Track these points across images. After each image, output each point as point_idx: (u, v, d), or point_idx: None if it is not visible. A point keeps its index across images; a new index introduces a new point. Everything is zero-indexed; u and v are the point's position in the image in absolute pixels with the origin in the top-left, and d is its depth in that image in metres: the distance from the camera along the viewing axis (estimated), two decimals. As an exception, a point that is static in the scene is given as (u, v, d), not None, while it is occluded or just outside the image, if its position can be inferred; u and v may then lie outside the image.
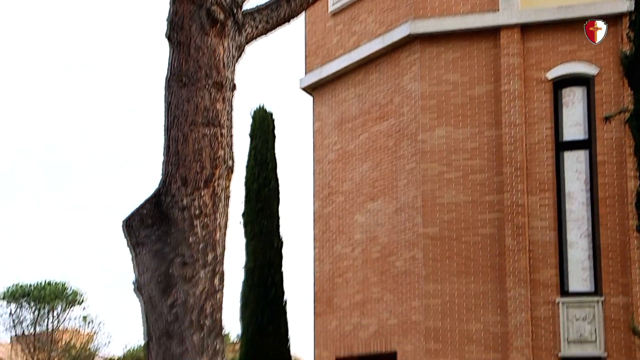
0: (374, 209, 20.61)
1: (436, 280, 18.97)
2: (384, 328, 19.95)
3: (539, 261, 18.47)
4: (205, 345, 9.22)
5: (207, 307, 9.36)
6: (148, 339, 9.40)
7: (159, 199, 8.08)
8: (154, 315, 9.29)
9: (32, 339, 37.84)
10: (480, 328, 18.61)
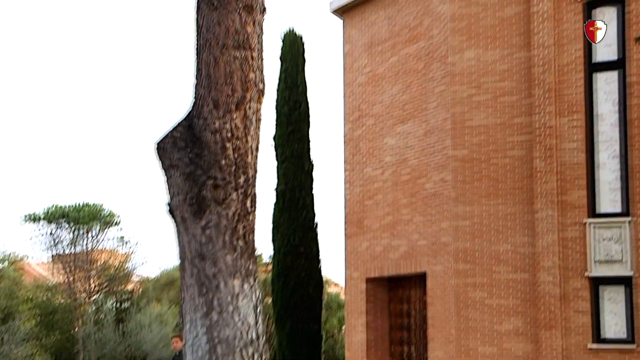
0: (404, 131, 20.71)
1: (465, 202, 19.14)
2: (413, 249, 20.22)
3: (568, 182, 18.55)
4: (238, 267, 9.49)
5: (239, 228, 9.61)
6: (182, 260, 9.69)
7: (191, 121, 8.25)
8: (187, 237, 9.56)
9: (70, 259, 38.67)
10: (509, 249, 18.82)
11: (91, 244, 38.76)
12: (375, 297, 21.70)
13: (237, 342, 9.19)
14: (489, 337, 18.67)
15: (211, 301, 9.29)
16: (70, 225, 38.12)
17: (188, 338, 9.40)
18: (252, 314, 9.35)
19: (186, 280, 9.49)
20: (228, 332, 9.20)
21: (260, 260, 39.84)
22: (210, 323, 9.26)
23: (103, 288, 40.09)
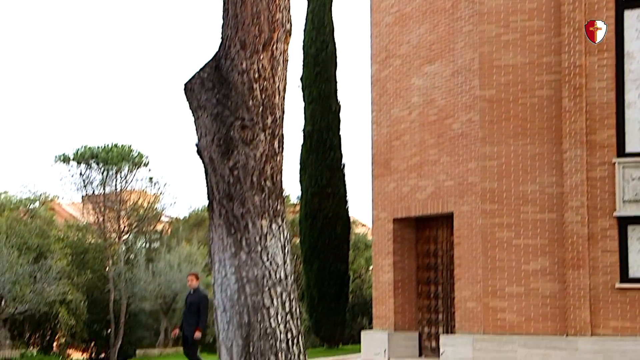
0: (431, 71, 20.61)
1: (492, 142, 19.10)
2: (440, 190, 20.25)
3: (597, 122, 18.44)
4: (266, 207, 9.58)
5: (267, 169, 9.69)
6: (210, 201, 9.79)
7: (219, 62, 8.28)
8: (216, 177, 9.66)
9: (100, 199, 39.15)
10: (536, 189, 18.81)
11: (121, 185, 39.16)
12: (403, 237, 21.82)
13: (266, 282, 9.33)
14: (516, 277, 18.77)
15: (240, 241, 9.42)
16: (100, 166, 38.49)
17: (217, 277, 9.56)
18: (280, 254, 9.48)
19: (215, 220, 9.61)
20: (256, 272, 9.34)
21: (288, 201, 40.10)
22: (239, 263, 9.39)
23: (133, 228, 40.58)
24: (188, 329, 16.62)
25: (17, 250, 29.49)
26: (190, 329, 16.58)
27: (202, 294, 17.15)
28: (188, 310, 16.77)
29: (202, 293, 17.26)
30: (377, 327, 22.09)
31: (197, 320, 16.57)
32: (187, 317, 16.74)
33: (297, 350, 9.39)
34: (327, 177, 26.17)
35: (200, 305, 16.64)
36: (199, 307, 16.63)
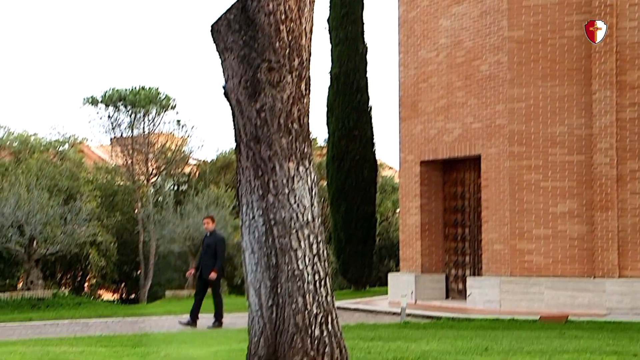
0: (459, 12, 20.40)
1: (521, 83, 18.96)
2: (468, 132, 20.19)
3: (627, 62, 18.23)
4: (293, 149, 9.62)
5: (294, 111, 9.70)
6: (237, 143, 9.85)
7: (245, 3, 8.24)
8: (243, 120, 9.69)
9: (129, 142, 39.38)
10: (564, 131, 18.71)
11: (149, 128, 39.33)
12: (430, 180, 21.83)
13: (293, 224, 9.40)
14: (544, 219, 18.76)
15: (267, 184, 9.48)
16: (128, 108, 38.64)
17: (244, 220, 9.64)
18: (307, 196, 9.53)
19: (242, 163, 9.67)
20: (284, 214, 9.41)
21: (315, 144, 40.11)
22: (267, 205, 9.47)
23: (161, 171, 40.85)
24: (206, 271, 16.74)
25: (47, 192, 29.81)
26: (208, 271, 16.72)
27: (219, 236, 17.26)
28: (205, 252, 16.88)
29: (219, 235, 17.37)
30: (404, 269, 22.23)
31: (215, 262, 16.69)
32: (205, 259, 16.86)
33: (325, 292, 9.49)
34: (354, 120, 26.13)
35: (217, 247, 16.76)
36: (216, 249, 16.75)
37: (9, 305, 24.72)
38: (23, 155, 40.90)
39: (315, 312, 9.41)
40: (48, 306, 24.80)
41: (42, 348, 12.87)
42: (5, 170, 35.89)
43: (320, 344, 9.33)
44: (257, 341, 9.49)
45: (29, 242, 26.89)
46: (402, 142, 22.35)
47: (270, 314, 9.46)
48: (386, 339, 12.73)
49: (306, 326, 9.34)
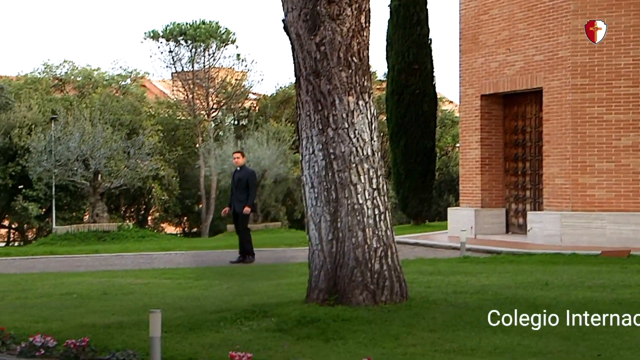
0: (523, -58, 19.95)
1: (585, 14, 18.54)
2: (530, 64, 19.89)
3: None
4: (353, 83, 9.63)
5: (354, 44, 9.69)
6: (297, 77, 9.89)
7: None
8: (302, 53, 9.71)
9: (190, 76, 39.65)
10: (629, 62, 18.32)
11: (209, 62, 39.50)
12: (490, 113, 21.62)
13: (353, 158, 9.45)
14: (606, 153, 18.51)
15: (327, 118, 9.52)
16: (189, 43, 38.80)
17: (304, 154, 9.71)
18: (367, 131, 9.56)
19: (302, 97, 9.72)
20: (344, 148, 9.46)
21: (375, 78, 39.89)
22: (326, 139, 9.52)
23: (221, 105, 41.11)
24: (238, 205, 16.63)
25: (110, 126, 30.24)
26: (240, 205, 16.61)
27: (249, 170, 17.26)
28: (236, 187, 16.74)
29: (250, 169, 17.37)
30: (463, 204, 22.19)
31: (246, 196, 16.62)
32: (236, 194, 16.74)
33: (384, 226, 9.56)
34: (414, 53, 25.88)
35: (248, 181, 16.71)
36: (247, 183, 16.70)
37: (76, 238, 25.32)
38: (87, 89, 41.48)
39: (375, 246, 9.50)
40: (113, 239, 25.33)
41: (108, 279, 13.21)
42: (70, 105, 36.46)
43: (380, 278, 9.43)
44: (317, 275, 9.63)
45: (94, 175, 27.39)
46: (463, 76, 22.12)
47: (330, 248, 9.58)
48: (445, 273, 12.80)
49: (366, 260, 9.44)
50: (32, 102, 37.21)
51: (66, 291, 11.64)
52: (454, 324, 8.42)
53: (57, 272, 15.40)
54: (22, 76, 42.62)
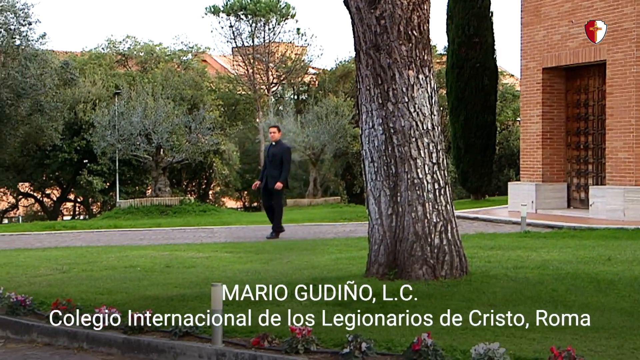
0: None
1: (651, -14, 18.18)
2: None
3: None
4: (413, 57, 9.60)
5: (414, 18, 9.65)
6: (357, 51, 9.88)
7: None
8: (362, 27, 9.70)
9: (250, 51, 39.80)
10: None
11: (269, 37, 39.58)
12: (552, 87, 21.35)
13: (413, 132, 9.44)
14: (672, 127, 18.18)
15: (386, 92, 9.52)
16: (249, 17, 38.91)
17: (364, 129, 9.73)
18: (427, 105, 9.54)
19: (361, 71, 9.72)
20: (404, 123, 9.45)
21: (435, 52, 39.58)
22: (386, 114, 9.52)
23: (281, 80, 41.21)
24: (271, 181, 16.49)
25: (172, 101, 30.54)
26: (273, 181, 16.47)
27: (285, 145, 17.09)
28: (270, 162, 16.53)
29: (285, 145, 17.21)
30: (524, 178, 22.00)
31: (279, 172, 16.45)
32: (270, 169, 16.54)
33: (444, 200, 9.55)
34: (475, 26, 25.61)
35: (283, 157, 16.54)
36: (282, 159, 16.52)
37: (139, 212, 25.69)
38: (149, 65, 41.90)
39: (435, 220, 9.50)
40: (175, 213, 25.65)
41: (170, 253, 13.42)
42: (133, 80, 36.89)
43: (440, 252, 9.44)
44: (377, 249, 9.67)
45: (156, 150, 27.72)
46: (524, 49, 21.86)
47: (390, 223, 9.60)
48: (506, 248, 12.74)
49: (426, 235, 9.45)
50: (96, 78, 37.74)
51: (130, 264, 11.86)
52: (515, 299, 8.40)
53: (121, 245, 15.69)
54: (87, 52, 43.21)
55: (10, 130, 29.77)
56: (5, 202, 43.13)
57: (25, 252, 14.26)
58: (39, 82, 28.87)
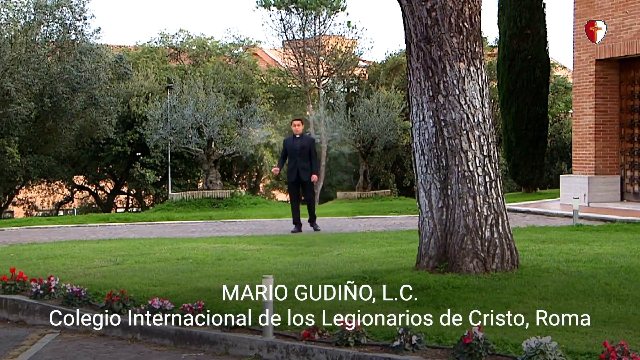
0: None
1: None
2: (648, 28, 19.29)
3: None
4: (464, 49, 9.55)
5: (465, 10, 9.60)
6: (408, 44, 9.86)
7: None
8: (413, 19, 9.67)
9: (301, 44, 39.88)
10: None
11: (319, 30, 39.62)
12: (605, 79, 21.07)
13: (464, 125, 9.40)
14: None
15: (437, 84, 9.49)
16: (300, 11, 38.98)
17: (414, 121, 9.71)
18: (478, 97, 9.49)
19: (412, 64, 9.69)
20: (454, 115, 9.42)
21: (486, 44, 39.28)
22: (437, 106, 9.49)
23: (332, 73, 41.22)
24: (304, 174, 16.49)
25: (223, 94, 30.73)
26: (307, 173, 16.50)
27: (310, 137, 17.19)
28: (299, 155, 16.55)
29: (310, 137, 17.27)
30: (576, 171, 21.76)
31: (310, 164, 16.52)
32: (300, 162, 16.53)
33: (495, 193, 9.50)
34: (527, 18, 25.37)
35: (311, 149, 16.62)
36: (310, 151, 16.59)
37: (190, 204, 25.92)
38: (201, 58, 42.22)
39: (486, 213, 9.45)
40: (226, 205, 25.82)
41: (222, 245, 13.53)
42: (185, 73, 37.19)
43: (491, 246, 9.39)
44: (427, 242, 9.65)
45: (208, 143, 27.91)
46: (577, 40, 21.60)
47: (440, 216, 9.57)
48: (558, 241, 12.63)
49: (476, 228, 9.40)
50: (149, 71, 38.14)
51: (182, 256, 11.99)
52: (567, 292, 8.33)
53: (173, 237, 15.85)
54: (140, 46, 43.68)
55: (66, 123, 30.24)
56: (60, 194, 43.83)
57: (80, 243, 14.49)
58: (94, 76, 29.27)
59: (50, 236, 16.82)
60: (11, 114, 26.56)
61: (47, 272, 10.20)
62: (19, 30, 28.32)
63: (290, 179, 16.85)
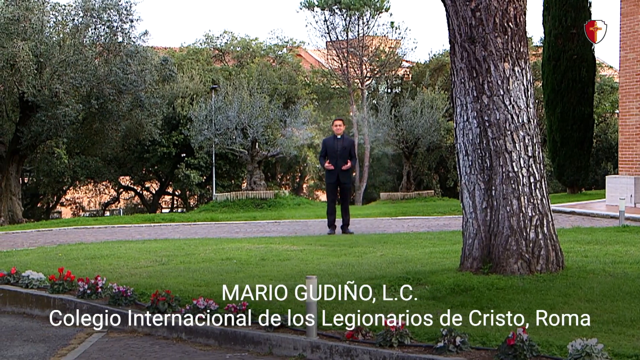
0: None
1: None
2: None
3: None
4: (509, 49, 9.50)
5: (510, 10, 9.55)
6: (452, 44, 9.83)
7: None
8: (457, 20, 9.64)
9: (344, 45, 39.92)
10: None
11: (363, 31, 39.61)
12: (653, 78, 20.83)
13: (508, 126, 9.35)
14: None
15: (482, 85, 9.45)
16: (343, 12, 39.01)
17: (458, 122, 9.68)
18: (522, 98, 9.43)
19: (456, 64, 9.67)
20: (499, 116, 9.37)
21: (531, 43, 38.99)
22: (481, 107, 9.45)
23: (375, 74, 41.18)
24: (344, 176, 16.44)
25: (267, 95, 30.87)
26: (346, 176, 16.47)
27: (350, 138, 17.12)
28: (340, 155, 16.43)
29: (350, 138, 17.20)
30: (622, 172, 21.51)
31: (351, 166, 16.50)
32: (340, 162, 16.43)
33: (540, 194, 9.43)
34: (572, 17, 25.14)
35: (351, 150, 16.54)
36: (350, 152, 16.51)
37: (234, 205, 26.05)
38: (245, 59, 42.43)
39: (531, 214, 9.39)
40: (270, 206, 25.91)
41: (265, 245, 13.58)
42: (229, 74, 37.44)
43: (536, 247, 9.33)
44: (471, 243, 9.61)
45: (252, 144, 28.04)
46: (623, 39, 21.36)
47: (484, 216, 9.53)
48: (603, 242, 12.50)
49: (521, 229, 9.35)
50: (193, 73, 38.41)
51: (226, 256, 12.06)
52: (613, 294, 8.25)
53: (218, 237, 15.95)
54: (185, 47, 44.02)
55: (112, 125, 30.57)
56: (107, 195, 44.32)
57: (126, 244, 14.64)
58: (140, 79, 29.54)
59: (97, 236, 17.03)
60: (59, 116, 26.92)
61: (94, 272, 10.33)
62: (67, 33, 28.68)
63: (329, 179, 16.85)
